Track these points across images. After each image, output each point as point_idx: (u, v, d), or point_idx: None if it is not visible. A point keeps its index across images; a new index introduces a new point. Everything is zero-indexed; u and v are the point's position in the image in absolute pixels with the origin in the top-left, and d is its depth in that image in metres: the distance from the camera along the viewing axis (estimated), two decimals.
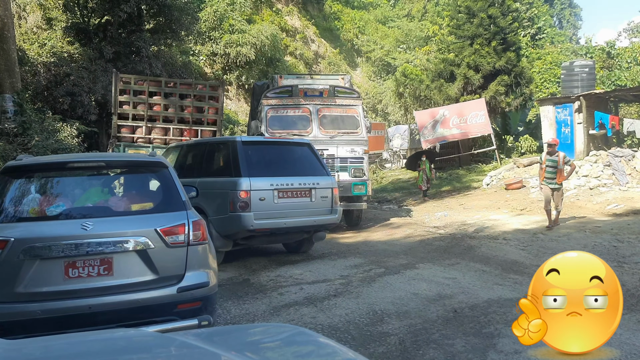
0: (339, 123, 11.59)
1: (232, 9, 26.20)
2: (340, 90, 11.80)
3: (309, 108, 11.37)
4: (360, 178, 11.37)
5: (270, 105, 11.32)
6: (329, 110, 11.56)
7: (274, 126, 11.08)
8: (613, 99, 19.70)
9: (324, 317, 5.41)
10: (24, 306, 3.82)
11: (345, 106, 11.69)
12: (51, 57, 15.71)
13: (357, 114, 11.69)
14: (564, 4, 56.26)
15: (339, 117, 11.65)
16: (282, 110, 11.35)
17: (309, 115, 11.34)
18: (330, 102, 11.58)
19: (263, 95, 11.50)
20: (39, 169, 4.58)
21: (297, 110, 11.42)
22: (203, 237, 4.39)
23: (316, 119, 11.31)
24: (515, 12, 23.85)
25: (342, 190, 10.61)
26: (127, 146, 12.66)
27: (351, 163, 11.30)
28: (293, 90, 11.45)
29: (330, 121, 11.53)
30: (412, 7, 43.89)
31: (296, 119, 11.41)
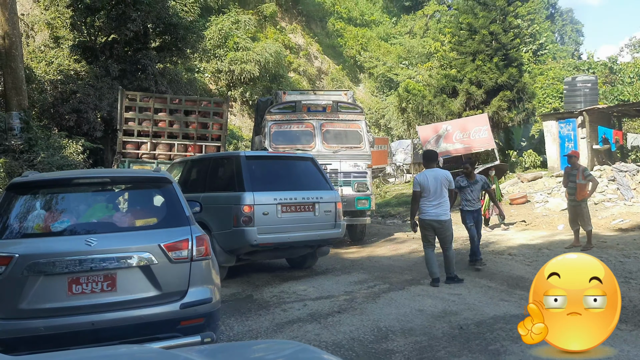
0: (342, 138, 11.61)
1: (236, 27, 26.46)
2: (343, 106, 11.84)
3: (312, 123, 11.40)
4: (363, 192, 11.34)
5: (273, 121, 11.36)
6: (332, 125, 11.59)
7: (278, 141, 11.11)
8: (616, 114, 19.70)
9: (327, 334, 5.38)
10: (27, 322, 3.81)
11: (348, 121, 11.72)
12: (58, 75, 15.85)
13: (360, 128, 11.71)
14: (565, 20, 56.59)
15: (342, 132, 11.67)
16: (286, 126, 11.39)
17: (312, 130, 11.36)
18: (333, 118, 11.61)
19: (267, 111, 11.55)
20: (45, 185, 4.60)
21: (300, 126, 11.44)
22: (206, 252, 4.38)
23: (319, 134, 11.33)
24: (517, 29, 23.95)
25: (346, 204, 10.60)
26: (132, 162, 12.71)
27: (354, 177, 11.30)
28: (296, 105, 11.50)
29: (333, 136, 11.54)
30: (414, 25, 44.19)
31: (299, 134, 11.42)
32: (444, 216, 7.40)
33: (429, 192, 7.32)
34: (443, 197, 7.37)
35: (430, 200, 7.34)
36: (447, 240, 7.52)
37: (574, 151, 10.54)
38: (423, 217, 7.45)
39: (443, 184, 7.34)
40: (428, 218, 7.41)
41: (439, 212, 7.36)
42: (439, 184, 7.32)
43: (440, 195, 7.33)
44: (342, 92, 13.09)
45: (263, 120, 11.88)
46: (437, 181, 7.31)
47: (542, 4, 47.01)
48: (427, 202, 7.38)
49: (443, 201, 7.37)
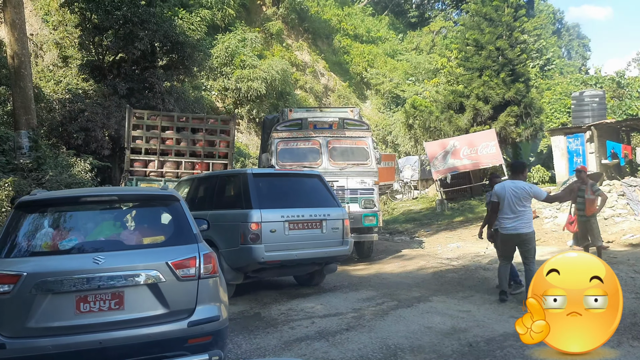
0: (349, 155, 11.62)
1: (243, 45, 26.68)
2: (349, 123, 11.85)
3: (319, 140, 11.44)
4: (370, 209, 11.31)
5: (280, 138, 11.42)
6: (339, 142, 11.61)
7: (285, 159, 11.17)
8: (625, 128, 19.65)
9: (336, 352, 5.33)
10: (35, 341, 3.80)
11: (355, 138, 11.73)
12: (66, 93, 16.00)
13: (367, 145, 11.72)
14: (572, 35, 56.79)
15: (348, 149, 11.68)
16: (292, 143, 11.42)
17: (319, 147, 11.39)
18: (340, 134, 11.64)
19: (273, 129, 11.59)
20: (53, 203, 4.61)
21: (307, 143, 11.48)
22: (214, 270, 4.37)
23: (326, 151, 11.35)
24: (524, 44, 24.04)
25: (353, 221, 10.54)
26: (139, 180, 12.75)
27: (361, 194, 11.28)
28: (303, 123, 11.53)
29: (340, 153, 11.55)
30: (421, 41, 44.44)
31: (306, 152, 11.44)
32: (523, 229, 7.10)
33: (503, 204, 7.16)
34: (521, 210, 7.09)
35: (507, 213, 7.15)
36: (528, 255, 7.20)
37: (583, 166, 10.45)
38: (502, 232, 7.29)
39: (522, 196, 7.08)
40: (506, 232, 7.20)
41: (517, 226, 7.11)
42: (518, 196, 7.07)
43: (517, 208, 7.09)
44: (349, 109, 13.17)
45: (269, 137, 11.93)
46: (516, 193, 7.08)
47: (548, 19, 47.24)
48: (503, 215, 7.20)
49: (521, 213, 7.10)
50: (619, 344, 5.33)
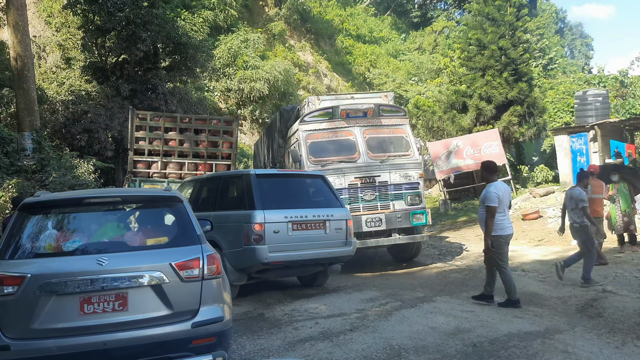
0: (388, 145, 10.59)
1: (245, 46, 26.70)
2: (385, 109, 10.73)
3: (353, 131, 10.33)
4: (418, 206, 10.35)
5: (309, 131, 10.25)
6: (375, 131, 10.50)
7: (316, 154, 10.11)
8: (628, 128, 19.58)
9: (340, 353, 5.32)
10: (39, 343, 3.82)
11: (392, 126, 10.66)
12: (69, 95, 16.04)
13: (406, 134, 10.72)
14: (574, 35, 56.68)
15: (386, 139, 10.64)
16: (324, 135, 10.30)
17: (354, 138, 10.31)
18: (376, 123, 10.52)
19: (299, 120, 10.44)
20: (56, 205, 4.62)
21: (340, 134, 10.35)
22: (217, 271, 4.37)
23: (362, 143, 10.27)
24: (526, 44, 23.99)
25: (400, 220, 10.07)
26: (142, 181, 12.78)
27: (406, 190, 10.29)
28: (334, 111, 10.37)
29: (378, 144, 10.50)
30: (423, 41, 44.40)
31: (340, 144, 10.35)
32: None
33: (503, 206, 6.98)
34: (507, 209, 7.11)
35: (505, 214, 7.03)
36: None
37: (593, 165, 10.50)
38: (507, 233, 7.00)
39: (509, 196, 7.16)
40: (509, 233, 7.03)
41: (511, 226, 7.12)
42: (509, 196, 7.14)
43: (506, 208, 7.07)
44: (382, 93, 11.95)
45: (290, 130, 11.13)
46: (507, 194, 7.09)
47: (551, 19, 47.17)
48: (504, 217, 7.00)
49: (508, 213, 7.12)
50: (623, 344, 5.31)
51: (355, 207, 9.92)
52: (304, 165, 9.91)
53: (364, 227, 9.90)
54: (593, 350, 5.10)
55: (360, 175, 10.05)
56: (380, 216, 10.05)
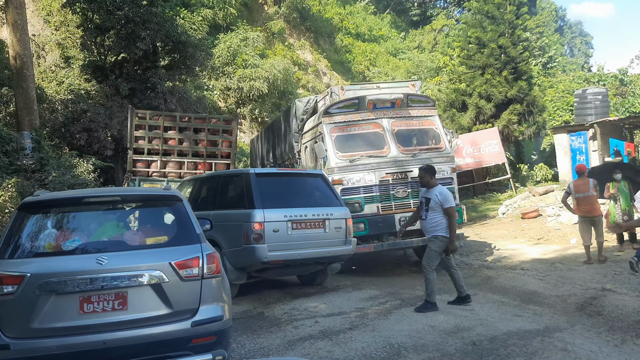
0: (418, 138, 10.11)
1: (245, 45, 26.67)
2: (414, 99, 10.13)
3: (381, 123, 9.72)
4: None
5: (334, 123, 9.64)
6: (404, 123, 9.91)
7: (343, 148, 9.54)
8: (628, 126, 19.58)
9: (339, 351, 5.33)
10: (39, 342, 3.82)
11: (421, 117, 10.09)
12: (69, 94, 16.01)
13: (436, 125, 10.17)
14: (574, 33, 56.68)
15: (416, 132, 10.13)
16: (350, 128, 9.71)
17: (382, 131, 9.70)
18: (405, 114, 9.92)
19: (323, 112, 9.78)
20: (56, 204, 4.63)
21: (367, 127, 9.75)
22: (217, 270, 4.38)
23: (391, 136, 9.67)
24: (526, 42, 23.98)
25: None
26: (142, 180, 12.79)
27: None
28: (360, 102, 9.75)
29: (407, 137, 9.97)
30: (423, 39, 44.38)
31: (368, 138, 9.77)
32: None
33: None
34: None
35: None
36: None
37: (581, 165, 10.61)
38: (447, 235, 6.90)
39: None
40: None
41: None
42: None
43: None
44: (409, 82, 11.04)
45: (307, 124, 10.58)
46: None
47: (550, 17, 47.16)
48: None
49: None
50: (623, 342, 5.32)
51: (386, 205, 9.47)
52: (330, 160, 9.41)
53: (398, 227, 9.23)
54: (592, 349, 5.11)
55: (391, 171, 9.47)
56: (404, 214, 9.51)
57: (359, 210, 9.27)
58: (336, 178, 9.26)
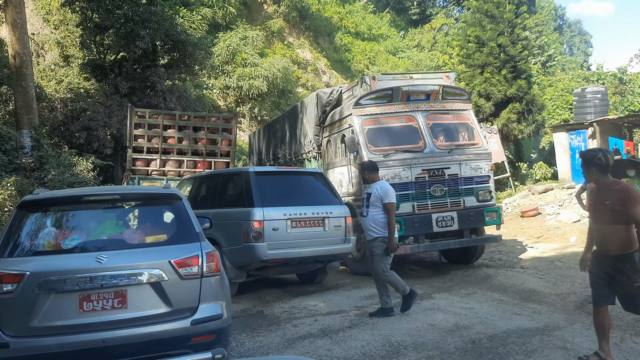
0: (454, 133, 9.58)
1: (244, 43, 26.64)
2: (449, 91, 9.59)
3: (415, 116, 9.15)
4: (489, 202, 9.27)
5: (365, 115, 9.07)
6: (439, 117, 9.40)
7: (376, 142, 8.99)
8: (627, 125, 19.58)
9: (339, 350, 5.33)
10: (38, 340, 3.82)
11: (456, 111, 9.59)
12: (68, 93, 16.00)
13: (471, 120, 9.68)
14: (573, 32, 56.65)
15: (451, 126, 9.59)
16: (383, 121, 9.13)
17: (416, 124, 9.13)
18: (439, 107, 9.40)
19: (354, 103, 9.19)
20: (55, 202, 4.62)
21: (400, 120, 9.17)
22: (217, 268, 4.38)
23: (427, 130, 9.11)
24: (525, 41, 23.98)
25: (473, 220, 9.04)
26: (141, 179, 12.78)
27: (477, 184, 9.17)
28: (394, 93, 9.12)
29: (443, 131, 9.45)
30: (422, 38, 44.37)
31: (403, 131, 9.20)
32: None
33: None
34: None
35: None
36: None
37: None
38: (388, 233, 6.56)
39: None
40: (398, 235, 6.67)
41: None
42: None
43: None
44: (443, 74, 10.42)
45: (332, 116, 10.14)
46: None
47: (550, 16, 47.15)
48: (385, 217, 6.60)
49: None
50: (622, 340, 5.33)
51: (422, 203, 8.85)
52: (362, 155, 8.80)
53: (435, 227, 8.81)
54: (592, 347, 5.11)
55: (428, 168, 8.85)
56: (452, 214, 8.91)
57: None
58: None
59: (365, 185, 7.10)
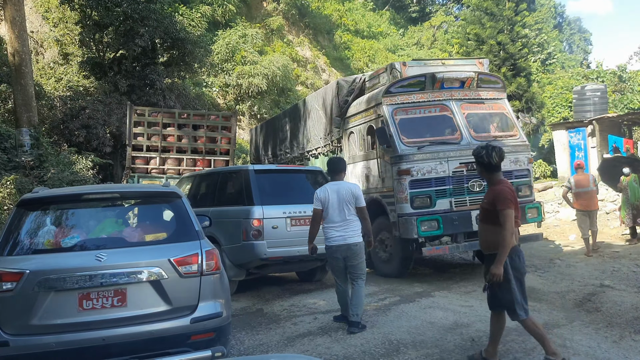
0: (490, 123, 9.03)
1: (244, 41, 26.62)
2: (484, 79, 8.94)
3: (449, 105, 8.55)
4: (529, 198, 8.74)
5: (397, 104, 8.44)
6: (474, 106, 8.79)
7: (409, 133, 8.31)
8: (626, 122, 19.60)
9: (338, 348, 5.33)
10: (38, 339, 3.81)
11: (491, 100, 8.97)
12: (67, 91, 16.01)
13: (506, 110, 9.11)
14: (573, 29, 56.58)
15: (487, 116, 9.02)
16: (415, 110, 8.50)
17: (450, 114, 8.54)
18: (474, 96, 8.79)
19: (384, 91, 8.54)
20: (55, 201, 4.62)
21: (434, 109, 8.55)
22: (216, 266, 4.38)
23: (462, 120, 8.50)
24: (525, 38, 23.99)
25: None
26: (141, 177, 12.79)
27: (516, 178, 8.60)
28: (427, 80, 8.52)
29: (479, 122, 8.86)
30: (422, 36, 44.33)
31: (437, 122, 8.62)
32: (353, 238, 5.94)
33: (328, 212, 5.97)
34: (350, 217, 5.95)
35: (335, 222, 5.96)
36: (355, 271, 6.02)
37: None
38: (329, 244, 5.99)
39: (348, 201, 5.95)
40: (335, 244, 5.94)
41: (346, 235, 5.94)
42: (343, 200, 5.94)
43: (345, 215, 5.94)
44: (476, 60, 9.73)
45: (355, 106, 9.51)
46: (340, 197, 5.95)
47: (549, 13, 47.08)
48: (329, 224, 6.00)
49: (350, 221, 5.96)
50: (621, 338, 5.33)
51: (460, 200, 8.25)
52: (396, 147, 8.17)
53: (475, 226, 8.02)
54: (591, 345, 5.12)
55: (466, 161, 8.11)
56: None
57: (429, 206, 8.13)
58: (404, 168, 8.09)
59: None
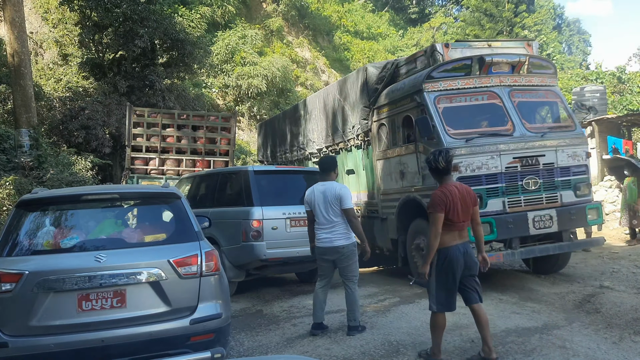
0: (542, 114, 8.21)
1: (243, 42, 26.64)
2: (535, 64, 7.90)
3: (498, 92, 7.53)
4: (588, 197, 7.68)
5: (440, 91, 7.41)
6: (525, 93, 7.75)
7: (455, 124, 7.31)
8: (626, 124, 19.59)
9: (338, 349, 5.33)
10: (37, 340, 3.81)
11: (543, 87, 7.95)
12: (66, 91, 16.00)
13: (559, 98, 8.08)
14: (572, 31, 56.60)
15: (539, 105, 8.10)
16: (459, 98, 7.49)
17: (500, 102, 7.52)
18: (525, 82, 7.75)
19: (426, 76, 7.48)
20: (54, 201, 4.61)
21: (481, 97, 7.54)
22: (216, 267, 4.37)
23: (513, 109, 7.47)
24: None
25: (574, 219, 7.43)
26: (140, 178, 12.78)
27: (574, 175, 7.59)
28: (473, 64, 7.48)
29: (531, 111, 7.92)
30: (421, 37, 44.32)
31: (484, 110, 7.73)
32: (339, 241, 5.79)
33: (316, 213, 5.86)
34: (337, 219, 5.80)
35: (322, 223, 5.84)
36: (345, 273, 5.93)
37: None
38: (318, 245, 5.93)
39: (332, 202, 5.77)
40: (323, 246, 5.86)
41: (332, 237, 5.80)
42: (328, 202, 5.79)
43: (331, 217, 5.79)
44: (524, 42, 8.70)
45: (389, 94, 8.45)
46: (325, 198, 5.80)
47: (549, 15, 47.06)
48: (317, 226, 5.89)
49: (337, 223, 5.81)
50: (621, 339, 5.33)
51: (514, 199, 7.25)
52: (441, 139, 7.14)
53: (532, 229, 7.20)
54: (590, 346, 5.12)
55: (520, 155, 7.26)
56: (550, 213, 7.25)
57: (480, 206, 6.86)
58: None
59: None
